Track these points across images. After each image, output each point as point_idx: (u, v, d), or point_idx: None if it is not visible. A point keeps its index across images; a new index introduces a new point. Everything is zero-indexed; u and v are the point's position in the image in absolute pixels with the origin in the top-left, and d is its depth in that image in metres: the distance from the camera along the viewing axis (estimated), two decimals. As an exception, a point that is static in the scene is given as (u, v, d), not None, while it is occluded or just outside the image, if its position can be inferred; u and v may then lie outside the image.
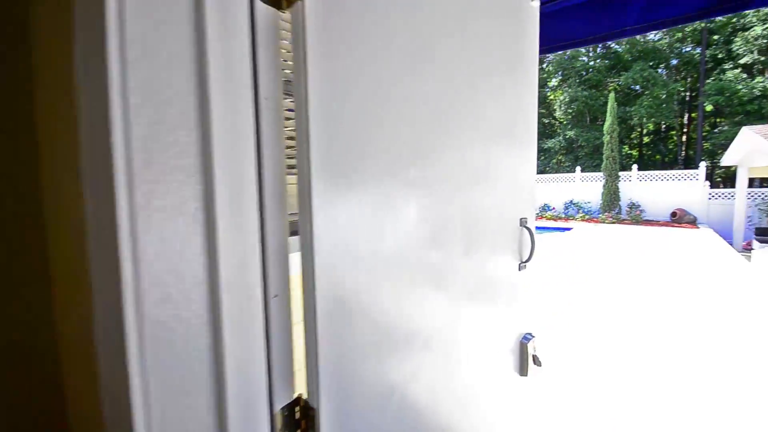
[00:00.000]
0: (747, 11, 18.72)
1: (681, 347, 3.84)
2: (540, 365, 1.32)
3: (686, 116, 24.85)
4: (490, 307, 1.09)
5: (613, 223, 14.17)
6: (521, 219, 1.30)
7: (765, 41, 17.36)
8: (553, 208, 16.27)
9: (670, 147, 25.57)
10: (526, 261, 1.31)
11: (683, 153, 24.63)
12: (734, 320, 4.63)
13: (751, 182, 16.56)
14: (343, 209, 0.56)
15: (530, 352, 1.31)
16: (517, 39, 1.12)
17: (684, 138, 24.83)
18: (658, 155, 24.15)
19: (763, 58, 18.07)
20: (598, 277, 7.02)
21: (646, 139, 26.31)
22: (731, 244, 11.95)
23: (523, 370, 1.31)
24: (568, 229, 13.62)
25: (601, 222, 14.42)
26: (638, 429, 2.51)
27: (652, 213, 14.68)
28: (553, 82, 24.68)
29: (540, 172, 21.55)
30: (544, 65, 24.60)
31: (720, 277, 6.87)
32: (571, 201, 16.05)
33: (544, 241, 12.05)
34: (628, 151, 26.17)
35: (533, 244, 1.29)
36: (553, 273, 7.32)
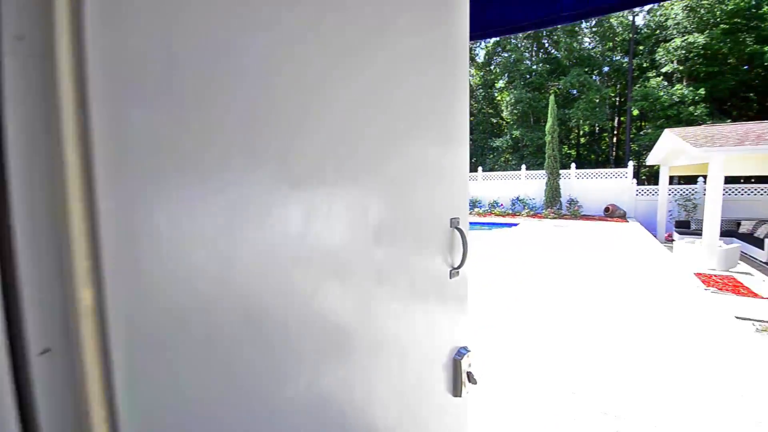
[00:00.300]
0: (669, 21, 20.78)
1: (615, 322, 4.38)
2: (475, 383, 1.15)
3: (616, 119, 27.20)
4: (415, 320, 0.90)
5: (555, 218, 15.03)
6: (452, 219, 1.11)
7: (683, 52, 19.37)
8: (501, 205, 16.94)
9: (603, 147, 27.83)
10: (458, 267, 1.12)
11: (614, 153, 26.92)
12: (660, 299, 5.24)
13: (672, 180, 18.48)
14: (168, 216, 0.36)
15: (464, 368, 1.13)
16: (443, 23, 0.94)
17: (615, 139, 27.15)
18: (593, 155, 26.16)
19: (681, 68, 20.17)
20: (544, 267, 7.31)
21: (582, 140, 28.41)
22: (655, 236, 13.19)
23: (456, 390, 1.13)
24: (515, 224, 14.22)
25: (544, 217, 15.23)
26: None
27: (589, 208, 15.80)
28: (501, 84, 25.79)
29: (489, 170, 22.39)
30: (492, 67, 25.61)
31: (648, 265, 7.47)
32: (518, 197, 16.82)
33: (494, 236, 12.46)
34: (568, 151, 28.07)
35: (465, 247, 1.10)
36: (502, 266, 7.50)
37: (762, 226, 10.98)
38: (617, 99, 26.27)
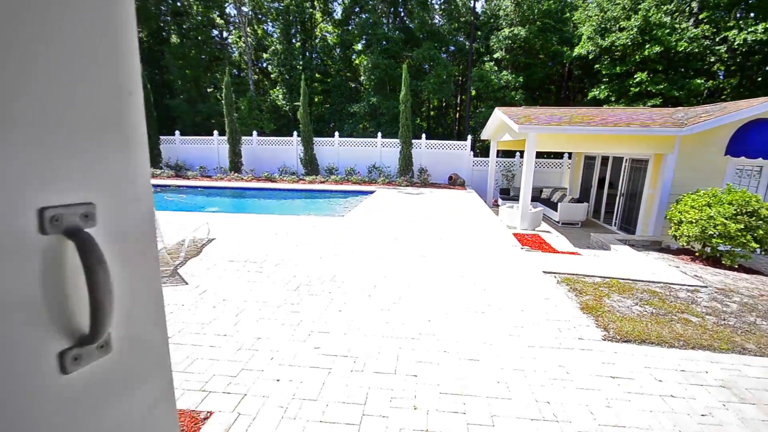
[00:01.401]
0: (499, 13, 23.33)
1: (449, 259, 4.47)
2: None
3: (459, 97, 30.29)
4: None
5: (408, 185, 15.59)
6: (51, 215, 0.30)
7: (509, 42, 22.23)
8: (359, 172, 16.63)
9: (449, 122, 30.79)
10: (91, 339, 0.31)
11: (457, 128, 30.13)
12: (480, 242, 5.39)
13: (498, 153, 21.59)
14: None
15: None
16: None
17: (458, 115, 30.29)
18: (441, 128, 28.64)
19: (507, 56, 23.23)
20: (401, 228, 7.01)
21: (432, 113, 30.70)
22: (486, 201, 15.07)
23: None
24: (372, 192, 14.10)
25: (398, 185, 15.61)
26: None
27: (436, 177, 17.00)
28: (359, 47, 25.07)
29: (347, 136, 21.86)
30: (350, 27, 24.51)
31: (480, 226, 8.03)
32: (374, 165, 16.78)
33: (356, 202, 11.93)
34: (420, 123, 29.98)
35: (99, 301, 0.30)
36: (368, 226, 6.91)
37: (556, 193, 13.66)
38: (460, 78, 29.05)
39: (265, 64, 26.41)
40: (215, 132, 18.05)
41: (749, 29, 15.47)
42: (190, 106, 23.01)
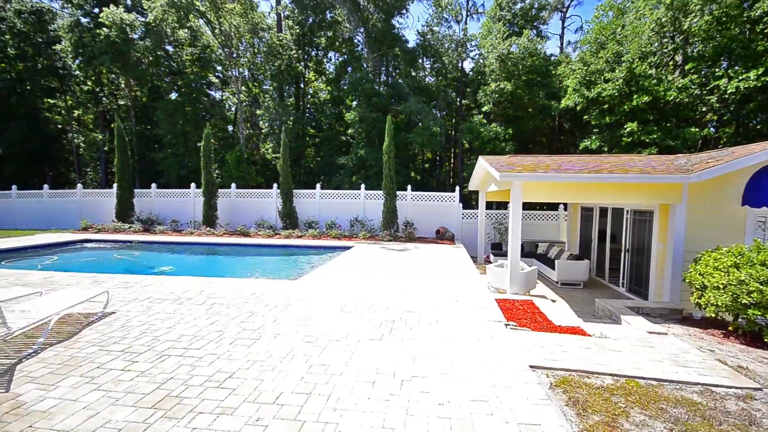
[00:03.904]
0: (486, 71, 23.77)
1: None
2: None
3: (452, 150, 30.18)
4: None
5: (391, 240, 14.31)
6: None
7: (496, 95, 22.32)
8: (340, 226, 15.49)
9: (443, 175, 30.36)
10: None
11: (451, 180, 29.61)
12: (453, 319, 4.07)
13: (492, 205, 20.57)
14: None
15: None
16: None
17: (452, 167, 29.94)
18: (434, 180, 28.08)
19: (496, 109, 23.24)
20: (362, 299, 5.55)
21: (426, 166, 30.42)
22: (476, 257, 13.62)
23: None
24: (349, 247, 12.81)
25: (381, 240, 14.35)
26: None
27: (423, 230, 15.78)
28: (354, 104, 25.41)
29: (336, 188, 21.14)
30: (341, 83, 25.06)
31: (457, 286, 6.53)
32: (356, 218, 15.68)
33: (326, 260, 10.58)
34: (414, 175, 29.55)
35: None
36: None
37: (553, 248, 12.25)
38: (452, 131, 29.15)
39: (257, 120, 26.77)
40: (192, 185, 17.31)
41: (740, 77, 15.11)
42: (176, 159, 22.73)
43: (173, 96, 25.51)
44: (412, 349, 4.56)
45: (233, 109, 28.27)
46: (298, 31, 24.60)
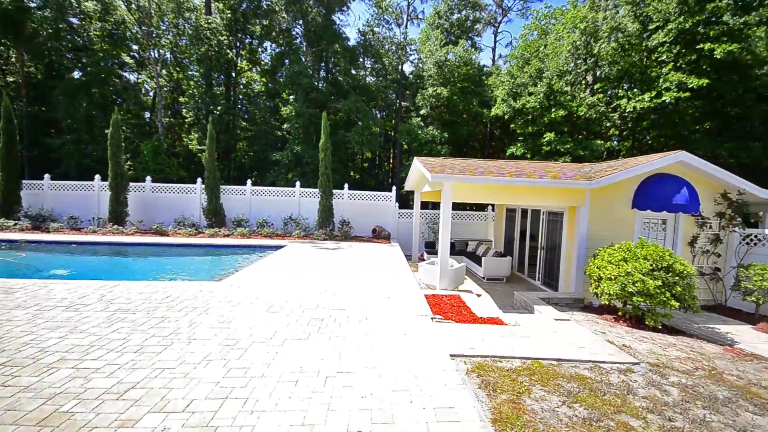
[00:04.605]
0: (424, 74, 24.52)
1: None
2: None
3: (392, 151, 30.70)
4: None
5: (327, 239, 14.06)
6: None
7: (433, 100, 23.18)
8: (272, 224, 14.81)
9: (382, 175, 30.74)
10: None
11: (390, 180, 30.10)
12: (382, 315, 4.17)
13: (428, 205, 21.29)
14: None
15: None
16: None
17: (390, 167, 30.43)
18: (373, 180, 28.30)
19: (433, 113, 24.12)
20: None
21: (365, 165, 30.52)
22: (411, 255, 13.98)
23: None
24: (281, 246, 12.28)
25: (316, 238, 14.02)
26: None
27: (359, 229, 15.77)
28: (291, 98, 24.50)
29: (270, 185, 20.20)
30: (278, 75, 24.03)
31: (389, 283, 6.57)
32: (291, 216, 15.13)
33: (255, 259, 9.96)
34: (353, 174, 29.48)
35: None
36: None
37: (481, 246, 13.04)
38: (392, 132, 29.64)
39: (180, 108, 24.48)
40: (97, 176, 15.24)
41: (637, 98, 17.55)
42: (77, 147, 19.82)
43: (76, 75, 22.20)
44: (339, 346, 4.53)
45: (151, 94, 25.47)
46: (230, 15, 23.00)
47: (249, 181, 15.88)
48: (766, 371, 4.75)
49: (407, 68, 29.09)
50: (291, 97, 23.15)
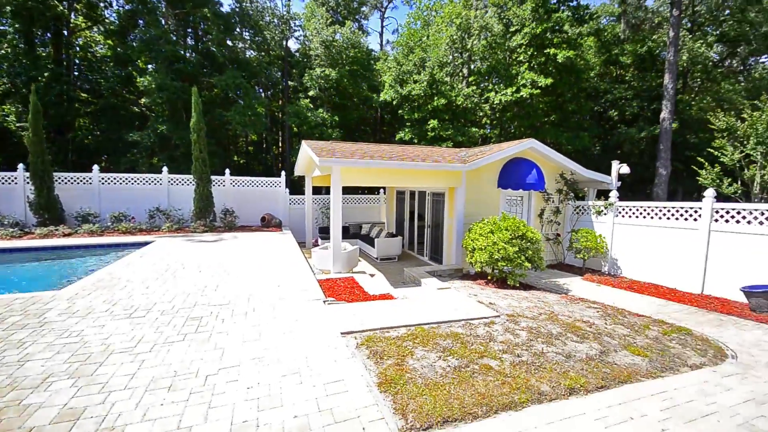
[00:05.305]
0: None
1: None
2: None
3: (281, 134, 28.90)
4: None
5: (206, 231, 12.50)
6: None
7: (322, 81, 22.43)
8: (133, 218, 12.46)
9: (270, 159, 28.79)
10: None
11: (279, 165, 28.42)
12: (270, 303, 3.99)
13: (321, 190, 20.80)
14: None
15: None
16: None
17: (279, 151, 28.68)
18: (261, 165, 26.29)
19: (322, 95, 23.39)
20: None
21: (250, 149, 28.09)
22: (305, 242, 13.50)
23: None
24: (148, 243, 10.41)
25: (192, 231, 12.32)
26: None
27: (246, 218, 14.50)
28: (149, 68, 20.57)
29: (127, 171, 16.87)
30: (130, 40, 19.90)
31: (279, 272, 6.11)
32: (158, 207, 12.93)
33: (111, 260, 8.10)
34: (236, 159, 26.86)
35: None
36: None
37: (374, 228, 13.36)
38: (279, 113, 27.83)
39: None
40: None
41: (502, 92, 20.05)
42: None
43: None
44: (222, 341, 4.11)
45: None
46: (55, -46, 17.86)
47: (96, 167, 12.89)
48: (587, 310, 5.99)
49: (293, 45, 27.50)
50: (150, 66, 19.41)
